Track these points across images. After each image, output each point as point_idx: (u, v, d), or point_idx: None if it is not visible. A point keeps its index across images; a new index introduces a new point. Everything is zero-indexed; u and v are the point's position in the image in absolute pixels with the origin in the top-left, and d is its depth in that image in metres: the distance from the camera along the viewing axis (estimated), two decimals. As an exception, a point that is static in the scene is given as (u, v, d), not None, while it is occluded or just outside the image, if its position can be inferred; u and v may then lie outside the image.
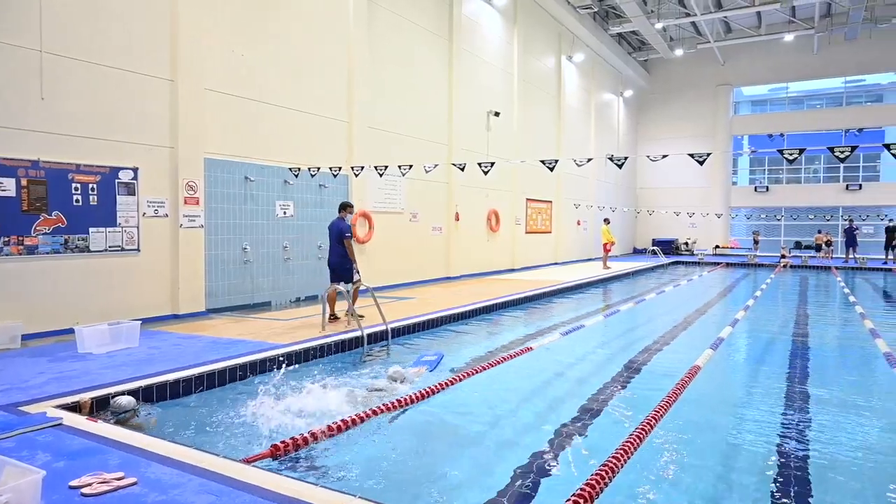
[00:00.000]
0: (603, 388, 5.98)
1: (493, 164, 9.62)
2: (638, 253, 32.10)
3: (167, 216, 8.88)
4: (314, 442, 4.18)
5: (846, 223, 25.86)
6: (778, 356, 7.72)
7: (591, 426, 4.83)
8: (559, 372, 6.79)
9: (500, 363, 6.62)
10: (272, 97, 10.49)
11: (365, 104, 12.55)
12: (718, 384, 6.43)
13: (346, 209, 9.13)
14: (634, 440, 3.93)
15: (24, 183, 7.23)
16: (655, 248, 28.61)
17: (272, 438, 4.23)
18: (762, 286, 16.03)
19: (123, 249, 8.32)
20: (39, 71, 7.34)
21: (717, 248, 30.52)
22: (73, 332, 6.70)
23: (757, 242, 28.37)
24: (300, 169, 10.79)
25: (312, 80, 11.36)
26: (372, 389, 5.70)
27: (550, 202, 22.39)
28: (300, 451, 4.05)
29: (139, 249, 8.51)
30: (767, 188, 30.74)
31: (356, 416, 4.61)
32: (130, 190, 8.38)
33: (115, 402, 4.70)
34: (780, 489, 3.69)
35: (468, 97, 16.56)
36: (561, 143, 22.72)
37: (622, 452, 3.69)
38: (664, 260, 25.75)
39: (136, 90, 8.41)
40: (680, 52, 27.32)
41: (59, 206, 7.58)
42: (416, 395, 5.26)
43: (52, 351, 6.56)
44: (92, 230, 7.95)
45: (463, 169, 10.35)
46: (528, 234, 20.61)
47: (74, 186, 7.74)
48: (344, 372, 6.39)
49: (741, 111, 32.39)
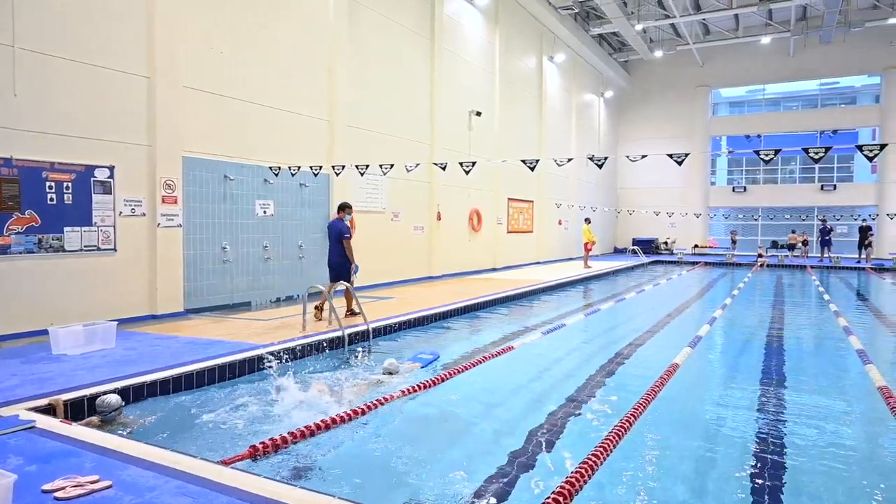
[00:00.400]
0: (583, 386, 6.02)
1: (474, 163, 9.63)
2: (618, 252, 32.38)
3: (144, 215, 8.75)
4: (294, 442, 4.15)
5: (821, 223, 26.36)
6: (754, 354, 7.85)
7: (571, 424, 4.86)
8: (540, 371, 6.83)
9: (481, 362, 6.64)
10: (252, 95, 10.39)
11: (346, 103, 12.50)
12: (696, 382, 6.52)
13: (344, 209, 9.33)
14: (613, 438, 3.96)
15: (-4, 181, 7.08)
16: (635, 247, 28.88)
17: (251, 439, 4.20)
18: (740, 285, 16.27)
19: (99, 249, 8.18)
20: (12, 67, 7.18)
21: (695, 247, 30.91)
22: (47, 333, 6.57)
23: (735, 242, 28.80)
24: (280, 168, 10.71)
25: (293, 78, 11.28)
26: (363, 382, 5.72)
27: (532, 202, 22.49)
28: (280, 451, 4.03)
29: (116, 249, 8.38)
30: (745, 188, 31.20)
31: (336, 416, 4.59)
32: (107, 189, 8.24)
33: (101, 401, 4.63)
34: (755, 485, 3.75)
35: (450, 97, 16.57)
36: (543, 142, 22.83)
37: (601, 450, 3.72)
38: (644, 259, 26.02)
39: (112, 87, 8.28)
40: (659, 53, 27.60)
41: (32, 204, 7.43)
42: (397, 394, 5.25)
43: (25, 352, 6.43)
44: (67, 229, 7.80)
45: (444, 168, 10.36)
46: (509, 233, 20.68)
47: (48, 185, 7.59)
48: (325, 372, 6.36)
49: (719, 112, 32.83)
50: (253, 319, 8.85)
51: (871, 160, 7.53)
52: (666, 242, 31.75)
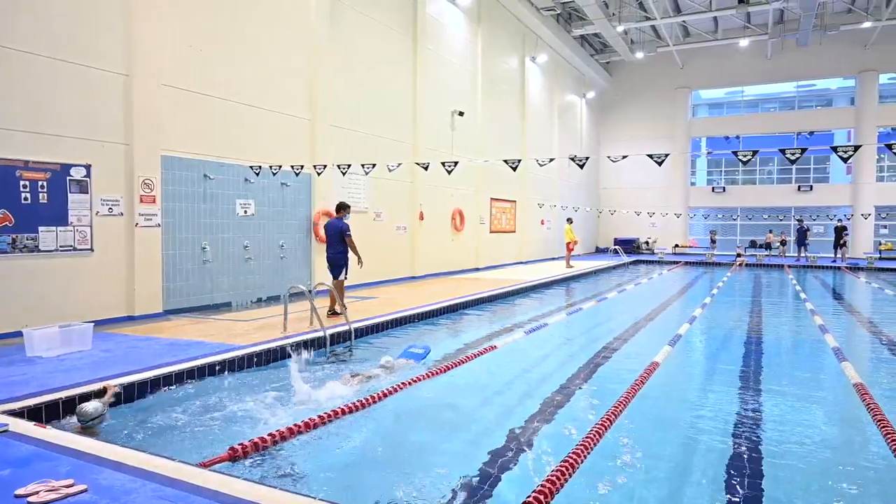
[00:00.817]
0: (564, 385, 6.05)
1: (456, 163, 9.63)
2: (600, 252, 32.62)
3: (122, 215, 8.62)
4: (275, 443, 4.12)
5: (798, 223, 26.82)
6: (733, 352, 7.94)
7: (553, 423, 4.88)
8: (523, 370, 6.85)
9: (464, 362, 6.65)
10: (232, 94, 10.29)
11: (328, 102, 12.42)
12: (676, 379, 6.57)
13: (343, 209, 9.58)
14: (594, 437, 3.99)
15: (-33, 180, 6.93)
16: (617, 247, 29.13)
17: (231, 441, 4.15)
18: (719, 284, 16.48)
19: (76, 249, 8.04)
20: (-16, 63, 7.04)
21: (676, 247, 31.25)
22: (21, 335, 6.44)
23: (714, 242, 29.16)
24: (261, 167, 10.61)
25: (274, 76, 11.18)
26: (343, 382, 5.71)
27: (514, 202, 22.56)
28: (260, 452, 3.99)
29: (92, 249, 8.24)
30: (724, 189, 31.61)
31: (318, 417, 4.56)
32: (83, 188, 8.10)
33: (80, 409, 4.52)
34: (733, 481, 3.79)
35: (433, 96, 16.56)
36: (525, 143, 22.91)
37: (582, 449, 3.74)
38: (625, 259, 26.24)
39: (88, 85, 8.14)
40: (640, 55, 27.85)
41: (5, 204, 7.27)
42: (378, 394, 5.23)
43: (-2, 355, 6.30)
44: (42, 229, 7.65)
45: (427, 168, 10.34)
46: (492, 233, 20.73)
47: (23, 184, 7.44)
48: (304, 372, 6.31)
49: (699, 114, 33.21)
50: (234, 320, 8.76)
51: (845, 161, 7.67)
52: (647, 242, 32.06)
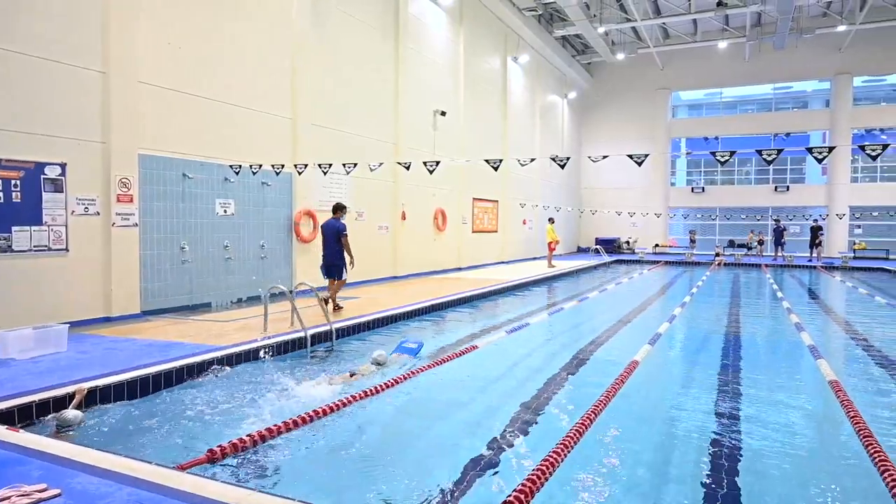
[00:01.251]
0: (546, 384, 6.07)
1: (438, 163, 9.63)
2: (582, 252, 32.82)
3: (98, 214, 8.48)
4: (254, 445, 4.08)
5: (775, 223, 27.25)
6: (712, 350, 8.04)
7: (534, 423, 4.90)
8: (504, 370, 6.87)
9: (445, 361, 6.64)
10: (212, 92, 10.17)
11: (310, 101, 12.34)
12: (656, 378, 6.64)
13: (340, 210, 9.84)
14: (574, 435, 4.00)
15: (-63, 178, 6.76)
16: (598, 246, 29.33)
17: (210, 443, 4.10)
18: (698, 283, 16.68)
19: (50, 249, 7.89)
20: (-45, 59, 6.88)
21: (656, 246, 31.56)
22: (-7, 336, 6.31)
23: (694, 241, 29.51)
24: (241, 166, 10.51)
25: (255, 75, 11.08)
26: (338, 376, 5.70)
27: (497, 202, 22.61)
28: (239, 454, 3.95)
29: (68, 249, 8.09)
30: (703, 189, 32.00)
31: (298, 417, 4.52)
32: (58, 186, 7.95)
33: (61, 416, 4.45)
34: (712, 477, 3.84)
35: (415, 96, 16.53)
36: (507, 143, 22.97)
37: (562, 448, 3.76)
38: (607, 258, 26.43)
39: (63, 82, 7.99)
40: (621, 56, 28.09)
41: (-23, 203, 7.13)
42: (359, 394, 5.20)
43: (-31, 357, 6.16)
44: (15, 229, 7.50)
45: (408, 168, 10.32)
46: (474, 233, 20.75)
47: (-5, 182, 7.29)
48: (286, 373, 6.26)
49: (679, 114, 33.58)
50: (214, 321, 8.67)
51: (820, 162, 7.80)
52: (628, 242, 32.33)
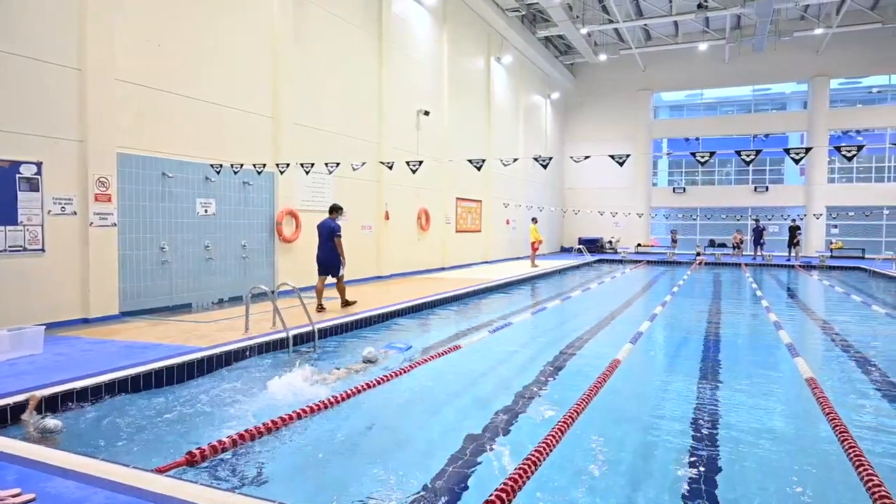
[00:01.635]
0: (529, 384, 6.09)
1: (421, 162, 9.62)
2: (565, 251, 33.01)
3: (76, 214, 8.34)
4: (234, 446, 4.04)
5: (754, 223, 27.63)
6: (692, 348, 8.13)
7: (517, 422, 4.91)
8: (487, 369, 6.87)
9: (428, 361, 6.64)
10: (192, 90, 10.06)
11: (292, 100, 12.26)
12: (637, 376, 6.69)
13: (336, 211, 10.04)
14: (556, 434, 4.02)
15: None
16: (581, 246, 29.52)
17: (190, 445, 4.06)
18: (679, 282, 16.86)
19: (26, 249, 7.74)
20: (-74, 55, 6.73)
21: (638, 246, 31.84)
22: (-34, 339, 6.18)
23: (675, 241, 29.82)
24: (222, 165, 10.41)
25: (236, 73, 10.98)
26: (301, 383, 5.65)
27: (480, 201, 22.65)
28: (219, 456, 3.91)
29: (44, 249, 7.95)
30: (685, 189, 32.35)
31: (279, 418, 4.49)
32: (33, 186, 7.81)
33: (40, 424, 4.37)
34: (693, 474, 3.87)
35: (398, 95, 16.50)
36: (490, 143, 23.02)
37: (544, 447, 3.77)
38: (589, 258, 26.61)
39: (40, 79, 7.85)
40: (604, 57, 28.29)
41: (-50, 202, 6.98)
42: (341, 395, 5.18)
43: (-59, 360, 6.02)
44: (-11, 229, 7.36)
45: (391, 167, 10.30)
46: (458, 232, 20.77)
47: (-32, 181, 7.15)
48: (267, 373, 6.21)
49: (661, 115, 33.90)
50: (194, 321, 8.58)
51: (797, 163, 7.93)
52: (610, 241, 32.58)
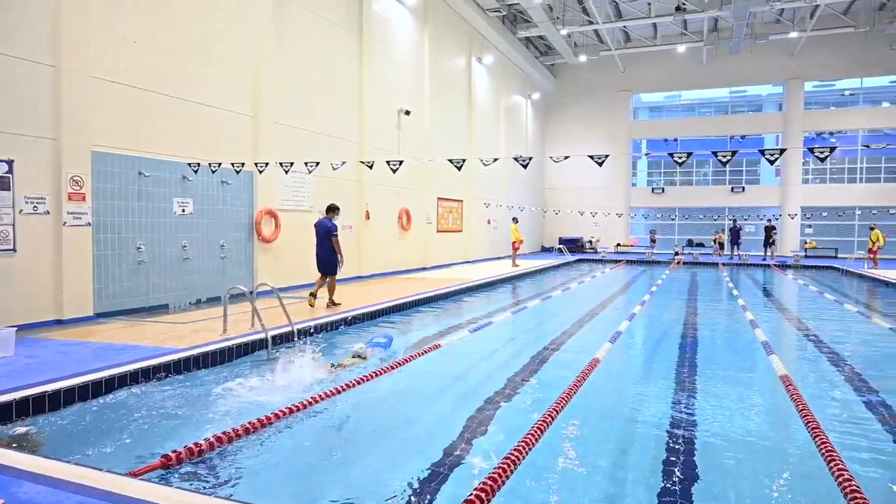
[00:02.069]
0: (508, 382, 6.11)
1: (401, 162, 9.60)
2: (545, 251, 33.18)
3: (49, 213, 8.18)
4: (211, 449, 3.99)
5: (731, 223, 28.04)
6: (670, 347, 8.22)
7: (496, 421, 4.91)
8: (466, 369, 6.88)
9: (409, 361, 6.63)
10: (169, 88, 9.91)
11: (272, 99, 12.14)
12: (616, 375, 6.75)
13: (332, 211, 10.14)
14: (535, 433, 4.04)
15: None
16: (562, 246, 29.70)
17: (165, 448, 4.00)
18: (658, 282, 17.05)
19: (-3, 249, 7.58)
20: None
21: (618, 245, 32.14)
22: (-66, 341, 6.03)
23: (654, 241, 30.15)
24: (200, 164, 10.28)
25: (215, 71, 10.84)
26: (282, 384, 5.62)
27: (461, 201, 22.67)
28: (195, 460, 3.86)
29: (15, 249, 7.78)
30: (663, 190, 32.72)
31: (257, 420, 4.45)
32: (4, 184, 7.64)
33: (13, 431, 4.29)
34: (670, 472, 3.92)
35: (379, 95, 16.44)
36: (472, 142, 23.05)
37: (523, 446, 3.79)
38: (570, 258, 26.79)
39: (11, 75, 7.67)
40: (584, 58, 28.49)
41: (-83, 201, 6.80)
42: (322, 395, 5.15)
43: None
44: (-42, 228, 7.19)
45: (372, 167, 10.27)
46: (439, 232, 20.77)
47: (-64, 180, 6.97)
48: (245, 374, 6.15)
49: (640, 116, 34.23)
50: (171, 322, 8.46)
51: (772, 164, 8.05)
52: (590, 241, 32.83)
